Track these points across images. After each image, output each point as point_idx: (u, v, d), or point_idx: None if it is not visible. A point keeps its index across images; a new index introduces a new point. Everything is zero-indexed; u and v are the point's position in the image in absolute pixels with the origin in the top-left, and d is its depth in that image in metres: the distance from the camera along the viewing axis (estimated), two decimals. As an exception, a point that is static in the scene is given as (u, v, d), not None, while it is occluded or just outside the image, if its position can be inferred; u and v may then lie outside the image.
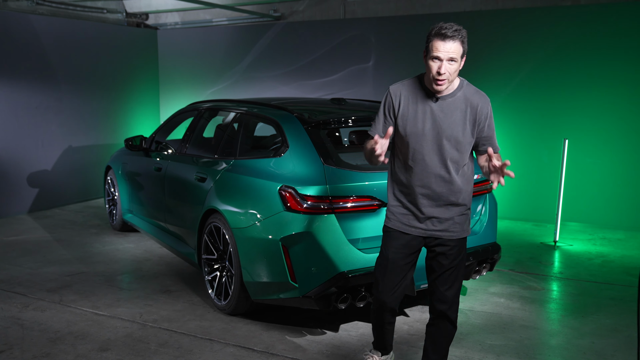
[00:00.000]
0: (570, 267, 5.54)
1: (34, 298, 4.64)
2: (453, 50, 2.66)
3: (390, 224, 2.99)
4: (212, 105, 5.48)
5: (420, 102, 2.82)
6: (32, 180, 7.77)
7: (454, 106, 2.80)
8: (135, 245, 6.18)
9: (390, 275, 2.99)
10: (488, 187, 4.41)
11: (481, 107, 2.82)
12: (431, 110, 2.80)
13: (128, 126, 9.24)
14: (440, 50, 2.66)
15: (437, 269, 2.96)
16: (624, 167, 6.80)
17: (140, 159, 5.94)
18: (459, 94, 2.81)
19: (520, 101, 7.27)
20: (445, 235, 2.91)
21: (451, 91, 2.81)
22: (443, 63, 2.67)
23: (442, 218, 2.89)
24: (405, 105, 2.83)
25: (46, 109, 7.88)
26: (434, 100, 2.80)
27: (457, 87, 2.82)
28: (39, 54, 7.73)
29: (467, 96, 2.82)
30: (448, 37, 2.65)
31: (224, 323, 4.16)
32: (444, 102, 2.80)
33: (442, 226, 2.91)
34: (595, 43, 6.82)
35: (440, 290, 2.97)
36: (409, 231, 2.94)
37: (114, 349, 3.75)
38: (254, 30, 9.06)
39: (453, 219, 2.91)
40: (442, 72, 2.67)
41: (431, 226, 2.91)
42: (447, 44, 2.65)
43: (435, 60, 2.69)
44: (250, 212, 3.99)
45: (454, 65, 2.70)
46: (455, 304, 3.00)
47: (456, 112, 2.80)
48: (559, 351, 3.79)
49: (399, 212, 2.95)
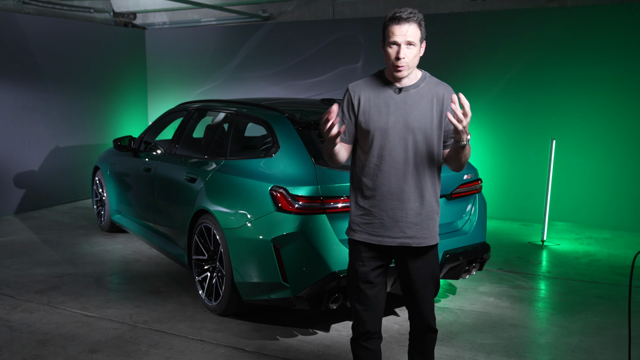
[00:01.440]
0: (558, 266, 5.60)
1: (22, 300, 4.59)
2: (410, 33, 2.54)
3: (356, 236, 2.74)
4: (201, 105, 5.46)
5: (382, 96, 2.66)
6: (19, 181, 7.70)
7: (419, 97, 2.65)
8: (124, 246, 6.14)
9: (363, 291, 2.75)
10: (478, 187, 4.44)
11: (447, 97, 2.66)
12: (395, 103, 2.64)
13: (115, 126, 9.19)
14: (397, 34, 2.54)
15: (410, 285, 2.75)
16: (610, 168, 6.89)
17: (129, 159, 5.91)
18: (422, 84, 2.67)
19: (508, 102, 7.32)
20: (415, 242, 2.68)
21: (414, 82, 2.67)
22: (401, 47, 2.55)
23: (412, 223, 2.67)
24: (366, 100, 2.67)
25: (33, 109, 7.81)
26: (397, 91, 2.65)
27: (420, 78, 2.69)
28: (25, 53, 7.67)
29: (432, 87, 2.68)
30: (403, 19, 2.54)
31: (214, 324, 4.16)
32: (408, 94, 2.64)
33: (412, 232, 2.68)
34: (582, 44, 6.89)
35: (417, 305, 2.77)
36: (379, 242, 2.70)
37: (104, 350, 3.73)
38: (242, 31, 9.05)
39: (422, 223, 2.69)
40: (401, 56, 2.54)
41: (400, 233, 2.68)
42: (403, 27, 2.54)
43: (393, 46, 2.56)
44: (241, 213, 3.99)
45: (413, 50, 2.57)
46: (431, 311, 2.81)
47: (422, 103, 2.64)
48: (548, 349, 3.83)
49: (365, 222, 2.71)
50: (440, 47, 7.56)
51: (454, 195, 4.24)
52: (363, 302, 2.75)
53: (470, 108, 2.46)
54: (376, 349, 2.82)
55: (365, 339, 2.80)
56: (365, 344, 2.80)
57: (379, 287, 2.77)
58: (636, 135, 6.73)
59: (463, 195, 4.32)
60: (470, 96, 7.60)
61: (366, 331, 2.78)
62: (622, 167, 6.83)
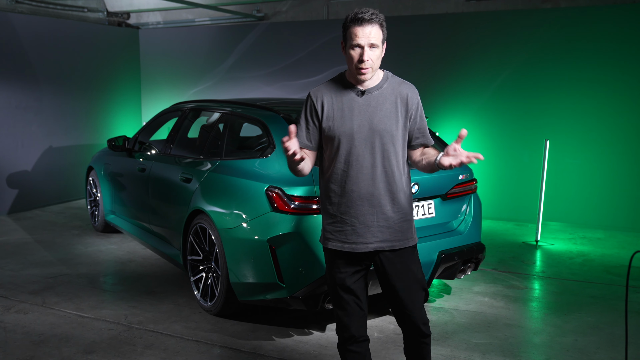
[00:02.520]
0: (552, 266, 5.62)
1: (16, 300, 4.57)
2: (373, 35, 2.48)
3: (330, 245, 2.67)
4: (196, 105, 5.45)
5: (345, 99, 2.59)
6: (12, 181, 7.66)
7: (382, 98, 2.59)
8: (118, 247, 6.12)
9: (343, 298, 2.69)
10: (473, 187, 4.46)
11: (410, 96, 2.63)
12: (359, 106, 2.58)
13: (109, 126, 9.16)
14: (360, 37, 2.47)
15: (392, 290, 2.67)
16: (604, 168, 6.92)
17: (123, 159, 5.89)
18: (385, 85, 2.62)
19: (502, 102, 7.35)
20: (389, 246, 2.62)
21: (376, 83, 2.61)
22: (365, 50, 2.48)
23: (383, 226, 2.61)
24: (329, 105, 2.60)
25: (26, 109, 7.78)
26: (359, 94, 2.59)
27: (382, 79, 2.63)
28: (18, 53, 7.63)
29: (394, 87, 2.63)
30: (366, 20, 2.47)
31: (210, 324, 4.15)
32: (371, 96, 2.59)
33: (385, 236, 2.62)
34: (575, 45, 6.93)
35: (403, 312, 2.68)
36: (352, 249, 2.62)
37: (99, 351, 3.72)
38: (237, 31, 9.04)
39: (396, 226, 2.63)
40: (365, 59, 2.48)
41: (372, 238, 2.61)
42: (366, 28, 2.47)
43: (356, 48, 2.50)
44: (236, 213, 3.99)
45: (376, 52, 2.52)
46: (421, 315, 2.69)
47: (385, 104, 2.58)
48: (543, 349, 3.84)
49: (337, 230, 2.64)
50: (434, 47, 7.58)
51: (449, 196, 4.26)
52: (344, 307, 2.70)
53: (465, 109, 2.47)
54: (364, 351, 2.77)
55: (351, 343, 2.74)
56: (352, 347, 2.75)
57: (358, 292, 2.70)
58: (629, 135, 6.77)
59: (458, 195, 4.33)
60: (464, 97, 7.64)
61: (350, 336, 2.72)
62: (616, 167, 6.87)
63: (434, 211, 4.18)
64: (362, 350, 2.76)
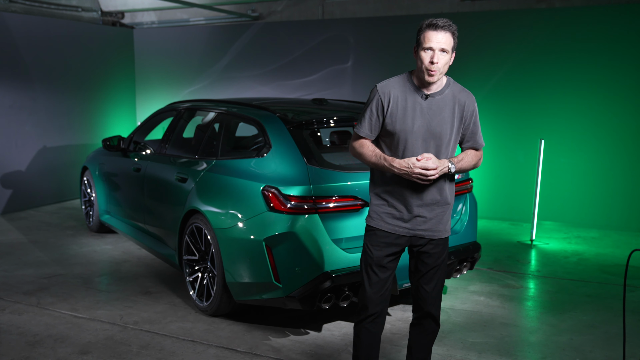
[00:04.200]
0: (547, 265, 5.64)
1: (11, 301, 4.55)
2: (445, 41, 2.73)
3: (374, 223, 2.96)
4: (192, 105, 5.43)
5: (409, 100, 2.84)
6: (6, 181, 7.62)
7: (443, 104, 2.84)
8: (113, 247, 6.10)
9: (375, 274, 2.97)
10: (469, 187, 4.46)
11: (468, 104, 2.89)
12: (421, 108, 2.83)
13: (104, 126, 9.12)
14: (433, 41, 2.72)
15: (422, 268, 2.97)
16: (598, 167, 6.95)
17: (118, 159, 5.86)
18: (446, 91, 2.86)
19: (496, 102, 7.37)
20: (429, 234, 2.91)
21: (439, 89, 2.85)
22: (435, 53, 2.72)
23: (427, 217, 2.89)
24: (395, 103, 2.84)
25: (20, 109, 7.74)
26: (424, 97, 2.84)
27: (444, 85, 2.87)
28: (12, 52, 7.59)
29: (455, 94, 2.87)
30: (440, 27, 2.72)
31: (206, 324, 4.14)
32: (433, 100, 2.84)
33: (427, 225, 2.90)
34: (570, 45, 6.95)
35: (424, 289, 2.98)
36: (394, 230, 2.91)
37: (94, 351, 3.70)
38: (231, 30, 9.02)
39: (437, 217, 2.91)
40: (435, 61, 2.72)
41: (416, 225, 2.89)
42: (439, 34, 2.72)
43: (428, 51, 2.74)
44: (232, 213, 3.98)
45: (446, 57, 2.75)
46: (438, 302, 3.02)
47: (445, 110, 2.83)
48: (539, 348, 3.85)
49: (383, 212, 2.93)
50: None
51: (445, 195, 4.26)
52: (373, 286, 2.95)
53: None
54: (378, 332, 3.04)
55: (370, 321, 2.99)
56: (369, 326, 3.00)
57: (389, 272, 2.97)
58: (624, 135, 6.80)
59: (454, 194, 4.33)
60: (459, 96, 7.65)
61: (372, 314, 2.98)
62: (610, 166, 6.89)
63: (430, 211, 4.17)
64: (376, 331, 3.03)
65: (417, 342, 3.08)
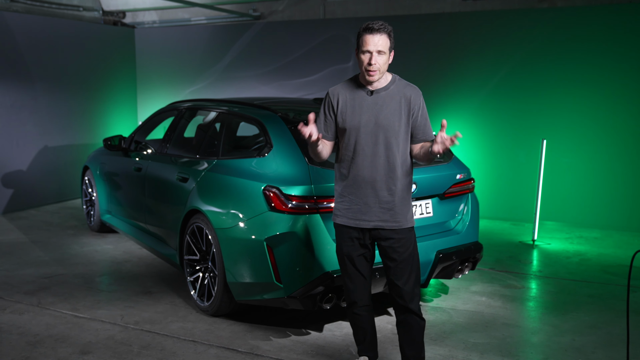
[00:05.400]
0: (549, 265, 5.62)
1: (11, 301, 4.54)
2: (381, 43, 2.91)
3: (338, 220, 3.14)
4: (193, 104, 5.43)
5: (357, 98, 3.05)
6: (7, 181, 7.61)
7: (389, 98, 3.02)
8: (114, 247, 6.09)
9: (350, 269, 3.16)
10: (470, 187, 4.45)
11: (413, 98, 3.04)
12: (367, 104, 3.02)
13: (105, 126, 9.12)
14: (370, 44, 2.91)
15: (389, 263, 3.09)
16: (601, 167, 6.93)
17: (119, 159, 5.86)
18: (392, 87, 3.04)
19: (498, 102, 7.35)
20: (388, 225, 3.04)
21: (384, 84, 3.04)
22: (373, 55, 2.91)
23: (385, 208, 3.03)
24: (344, 102, 3.06)
25: (21, 108, 7.73)
26: (369, 94, 3.04)
27: (390, 82, 3.05)
28: (13, 52, 7.58)
29: (400, 89, 3.05)
30: (375, 30, 2.91)
31: (207, 324, 4.13)
32: (379, 96, 3.03)
33: (385, 216, 3.03)
34: (572, 45, 6.93)
35: (396, 284, 3.08)
36: (356, 224, 3.07)
37: (95, 352, 3.70)
38: (233, 30, 9.01)
39: (394, 209, 3.03)
40: (373, 62, 2.91)
41: (374, 217, 3.04)
42: (375, 37, 2.91)
43: (366, 53, 2.93)
44: (233, 213, 3.97)
45: (383, 57, 2.94)
46: (415, 297, 3.11)
47: (391, 104, 3.01)
48: (541, 348, 3.84)
49: (345, 207, 3.10)
50: (430, 47, 7.57)
51: (446, 195, 4.25)
52: (350, 276, 3.17)
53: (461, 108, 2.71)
54: (367, 314, 3.26)
55: (354, 308, 3.23)
56: (356, 311, 3.24)
57: (362, 264, 3.15)
58: (626, 135, 6.78)
59: (456, 195, 4.33)
60: (460, 96, 7.64)
61: (354, 301, 3.21)
62: (612, 166, 6.87)
63: (431, 211, 4.17)
64: (364, 314, 3.25)
65: (406, 339, 3.17)
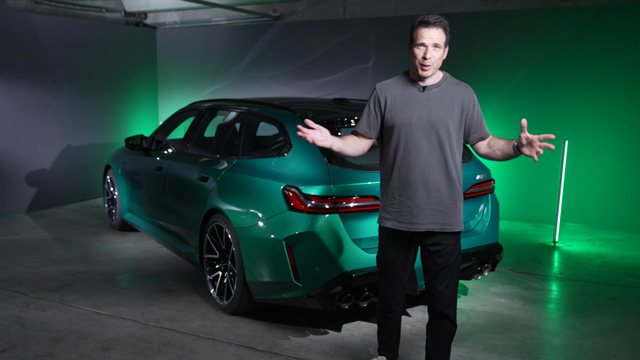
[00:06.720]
0: (570, 267, 5.56)
1: (35, 297, 4.62)
2: (437, 36, 2.82)
3: (388, 224, 3.01)
4: (213, 104, 5.46)
5: (407, 94, 2.93)
6: (31, 179, 7.74)
7: (441, 95, 2.91)
8: (135, 245, 6.16)
9: (391, 276, 3.08)
10: (491, 188, 4.42)
11: (467, 95, 2.95)
12: (419, 100, 2.90)
13: (126, 125, 9.22)
14: (425, 37, 2.82)
15: (433, 267, 2.99)
16: (623, 168, 6.83)
17: (140, 158, 5.92)
18: (444, 84, 2.94)
19: (519, 102, 7.28)
20: (439, 228, 2.93)
21: (437, 81, 2.93)
22: (428, 48, 2.82)
23: (436, 210, 2.91)
24: (392, 98, 2.94)
25: (45, 108, 7.86)
26: (421, 90, 2.92)
27: (441, 79, 2.95)
28: (37, 52, 7.71)
29: (452, 86, 2.95)
30: (431, 23, 2.82)
31: (226, 323, 4.16)
32: (431, 92, 2.91)
33: (436, 218, 2.92)
34: (594, 44, 6.84)
35: (437, 289, 2.99)
36: (405, 228, 2.96)
37: (116, 348, 3.74)
38: (253, 30, 9.06)
39: (447, 211, 2.93)
40: (428, 56, 2.81)
41: (426, 220, 2.92)
42: (431, 30, 2.82)
43: (421, 47, 2.84)
44: (253, 212, 3.99)
45: (438, 52, 2.85)
46: (453, 303, 3.02)
47: (443, 101, 2.90)
48: (562, 351, 3.80)
49: (395, 210, 2.97)
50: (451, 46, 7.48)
51: (466, 196, 4.22)
52: (389, 282, 3.11)
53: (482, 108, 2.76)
54: (396, 319, 3.24)
55: (387, 311, 3.20)
56: (388, 315, 3.21)
57: (404, 271, 3.09)
58: (649, 136, 6.68)
59: (476, 195, 4.30)
60: (481, 96, 7.56)
61: (388, 305, 3.17)
62: (635, 168, 6.77)
63: (451, 211, 4.14)
64: (395, 318, 3.23)
65: (434, 343, 3.10)
